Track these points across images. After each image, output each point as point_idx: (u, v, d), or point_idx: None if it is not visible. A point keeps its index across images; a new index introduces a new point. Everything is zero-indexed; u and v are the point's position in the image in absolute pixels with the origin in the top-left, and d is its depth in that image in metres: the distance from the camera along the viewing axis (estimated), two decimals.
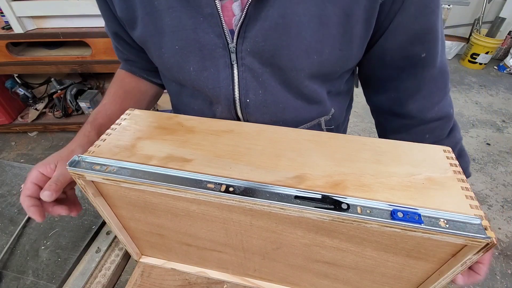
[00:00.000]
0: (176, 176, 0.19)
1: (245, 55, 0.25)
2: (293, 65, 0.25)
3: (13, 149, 1.14)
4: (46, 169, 0.23)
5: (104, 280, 0.30)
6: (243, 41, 0.24)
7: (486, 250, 0.15)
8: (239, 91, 0.27)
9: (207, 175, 0.19)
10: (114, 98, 0.33)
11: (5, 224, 0.34)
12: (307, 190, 0.18)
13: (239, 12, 0.24)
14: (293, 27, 0.23)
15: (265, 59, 0.25)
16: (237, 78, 0.27)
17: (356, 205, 0.17)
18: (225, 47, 0.25)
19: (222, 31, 0.24)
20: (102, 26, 0.90)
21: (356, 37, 0.24)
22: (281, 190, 0.18)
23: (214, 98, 0.29)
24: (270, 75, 0.26)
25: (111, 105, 0.32)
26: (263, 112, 0.29)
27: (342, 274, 0.23)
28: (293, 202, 0.17)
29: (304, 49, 0.24)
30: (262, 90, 0.27)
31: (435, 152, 0.21)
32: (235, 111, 0.29)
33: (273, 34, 0.23)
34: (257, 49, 0.25)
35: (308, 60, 0.25)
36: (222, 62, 0.26)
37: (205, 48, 0.25)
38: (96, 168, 0.20)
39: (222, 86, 0.27)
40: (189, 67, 0.27)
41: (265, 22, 0.23)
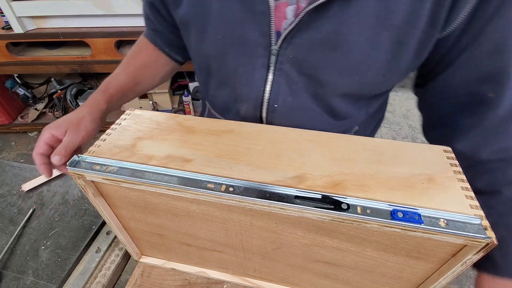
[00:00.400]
0: (176, 176, 0.19)
1: (285, 60, 0.25)
2: (333, 81, 0.25)
3: (13, 149, 1.14)
4: (57, 132, 0.25)
5: (104, 280, 0.30)
6: (287, 46, 0.24)
7: (486, 250, 0.15)
8: (270, 94, 0.27)
9: (207, 175, 0.19)
10: (129, 68, 0.33)
11: (5, 224, 0.34)
12: (307, 190, 0.18)
13: (292, 16, 0.23)
14: (344, 45, 0.22)
15: (305, 69, 0.25)
16: (271, 81, 0.26)
17: (356, 205, 0.17)
18: (267, 48, 0.25)
19: (269, 32, 0.24)
20: (102, 26, 0.90)
21: (402, 66, 0.23)
22: (281, 190, 0.18)
23: (243, 96, 0.28)
24: (305, 85, 0.26)
25: (124, 76, 0.32)
26: (287, 118, 0.28)
27: (342, 274, 0.23)
28: (293, 202, 0.17)
29: (348, 68, 0.24)
30: (292, 97, 0.27)
31: (435, 152, 0.21)
32: (260, 113, 0.29)
33: (321, 47, 0.23)
34: (300, 57, 0.24)
35: (349, 80, 0.24)
36: (260, 62, 0.26)
37: (247, 44, 0.25)
38: (96, 168, 0.20)
39: (254, 86, 0.27)
40: (227, 59, 0.26)
41: (317, 33, 0.22)
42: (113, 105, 0.30)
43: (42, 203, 0.36)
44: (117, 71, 0.32)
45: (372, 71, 0.24)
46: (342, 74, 0.24)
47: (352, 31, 0.22)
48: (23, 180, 0.39)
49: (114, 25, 0.90)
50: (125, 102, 0.32)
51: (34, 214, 0.35)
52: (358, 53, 0.23)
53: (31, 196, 0.37)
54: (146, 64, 0.34)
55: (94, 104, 0.28)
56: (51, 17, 0.87)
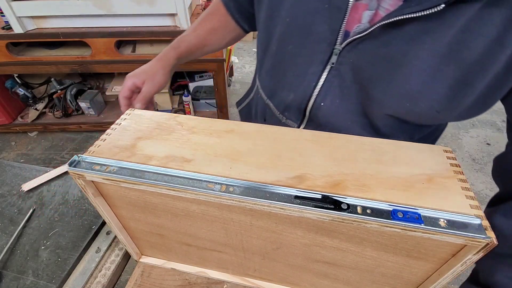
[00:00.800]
0: (176, 176, 0.19)
1: (344, 62, 0.24)
2: (382, 99, 0.24)
3: (13, 149, 1.14)
4: (137, 81, 0.31)
5: (104, 280, 0.30)
6: (351, 49, 0.23)
7: (486, 250, 0.15)
8: (319, 92, 0.27)
9: (207, 175, 0.19)
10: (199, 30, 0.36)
11: (5, 224, 0.34)
12: (307, 190, 0.18)
13: (366, 22, 0.22)
14: (406, 68, 0.21)
15: (360, 77, 0.24)
16: (324, 79, 0.26)
17: (356, 205, 0.17)
18: (331, 46, 0.24)
19: (339, 30, 0.23)
20: (102, 26, 0.90)
21: (460, 108, 0.22)
22: (281, 190, 0.18)
23: (292, 85, 0.28)
24: (356, 93, 0.25)
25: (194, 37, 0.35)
26: (330, 120, 0.28)
27: (342, 274, 0.23)
28: (293, 202, 0.17)
29: (401, 92, 0.22)
30: (340, 100, 0.26)
31: (435, 152, 0.21)
32: (306, 107, 0.28)
33: (383, 63, 0.22)
34: (360, 65, 0.23)
35: (399, 104, 0.23)
36: (319, 58, 0.25)
37: (312, 36, 0.24)
38: (96, 168, 0.20)
39: (306, 79, 0.27)
40: (288, 44, 0.26)
41: (384, 48, 0.22)
42: (180, 61, 0.35)
43: (42, 203, 0.36)
44: (188, 31, 0.36)
45: (426, 103, 0.22)
46: (394, 96, 0.23)
47: (421, 56, 0.20)
48: (23, 180, 0.39)
49: (114, 25, 0.90)
50: (190, 59, 0.37)
51: (34, 214, 0.35)
52: (418, 80, 0.21)
53: (31, 196, 0.37)
54: (215, 28, 0.36)
55: (166, 59, 0.33)
56: (51, 17, 0.87)
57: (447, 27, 0.19)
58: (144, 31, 0.89)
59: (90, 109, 1.17)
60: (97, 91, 1.18)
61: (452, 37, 0.19)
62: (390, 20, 0.20)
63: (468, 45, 0.19)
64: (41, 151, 1.14)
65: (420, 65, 0.21)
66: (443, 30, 0.19)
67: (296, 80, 0.28)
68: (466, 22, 0.19)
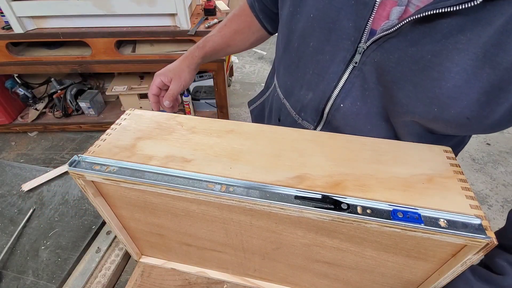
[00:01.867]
0: (176, 176, 0.19)
1: (368, 62, 0.23)
2: (408, 103, 0.22)
3: (13, 149, 1.14)
4: (165, 79, 0.33)
5: (104, 280, 0.30)
6: (376, 48, 0.22)
7: (486, 250, 0.15)
8: (339, 92, 0.25)
9: (207, 175, 0.19)
10: (224, 31, 0.37)
11: (5, 224, 0.34)
12: (307, 190, 0.18)
13: (395, 19, 0.21)
14: (436, 70, 0.19)
15: (385, 79, 0.22)
16: (345, 80, 0.24)
17: (356, 205, 0.17)
18: (355, 43, 0.23)
19: (364, 27, 0.22)
20: (102, 26, 0.90)
21: (493, 116, 0.20)
22: (281, 190, 0.18)
23: (311, 84, 0.27)
24: (379, 95, 0.24)
25: (219, 38, 0.37)
26: (347, 123, 0.26)
27: (342, 274, 0.23)
28: (293, 202, 0.17)
29: (430, 97, 0.20)
30: (361, 103, 0.25)
31: (435, 152, 0.21)
32: (324, 108, 0.27)
33: (411, 64, 0.20)
34: (385, 66, 0.22)
35: (426, 109, 0.21)
36: (341, 56, 0.24)
37: (335, 33, 0.23)
38: (96, 168, 0.20)
39: (326, 78, 0.25)
40: (309, 41, 0.25)
41: (412, 47, 0.20)
42: (205, 60, 0.36)
43: (42, 203, 0.36)
44: (214, 31, 0.37)
45: (456, 108, 0.20)
46: (421, 100, 0.21)
47: (453, 57, 0.19)
48: (23, 180, 0.39)
49: (114, 25, 0.90)
50: (214, 58, 0.38)
51: (34, 214, 0.35)
52: (448, 84, 0.19)
53: (31, 196, 0.37)
54: (240, 29, 0.37)
55: (191, 58, 0.35)
56: (51, 17, 0.87)
57: (484, 26, 0.17)
58: (144, 31, 0.89)
59: (90, 109, 1.17)
60: (97, 91, 1.18)
61: (489, 38, 0.17)
62: (422, 15, 0.18)
63: (506, 47, 0.17)
64: (41, 151, 1.13)
65: (452, 67, 0.19)
66: (479, 29, 0.18)
67: (315, 78, 0.26)
68: (504, 22, 0.17)
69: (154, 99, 0.34)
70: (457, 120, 0.21)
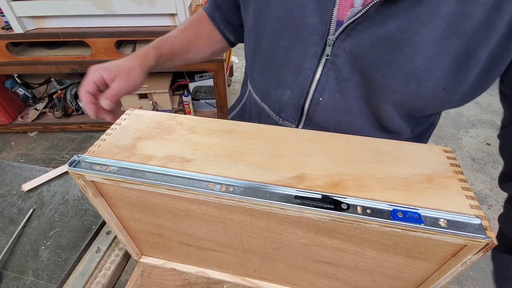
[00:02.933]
0: (176, 176, 0.19)
1: (339, 53, 0.23)
2: (386, 84, 0.22)
3: (13, 149, 1.14)
4: (107, 75, 0.25)
5: (104, 280, 0.30)
6: (345, 38, 0.22)
7: (486, 250, 0.15)
8: (316, 86, 0.25)
9: (207, 175, 0.19)
10: (184, 34, 0.33)
11: (5, 224, 0.34)
12: (307, 190, 0.18)
13: (359, 5, 0.21)
14: (407, 46, 0.20)
15: (359, 65, 0.23)
16: (320, 73, 0.25)
17: (356, 205, 0.17)
18: (323, 37, 0.23)
19: (330, 19, 0.22)
20: (102, 26, 0.90)
21: (466, 83, 0.21)
22: (281, 190, 0.18)
23: (288, 82, 0.27)
24: (356, 84, 0.24)
25: (179, 40, 0.32)
26: (328, 116, 0.27)
27: (342, 274, 0.23)
28: (293, 202, 0.17)
29: (406, 73, 0.21)
30: (339, 94, 0.25)
31: (435, 152, 0.21)
32: (303, 104, 0.27)
33: (382, 44, 0.21)
34: (357, 53, 0.22)
35: (405, 86, 0.22)
36: (312, 51, 0.24)
37: (303, 29, 0.23)
38: (96, 168, 0.20)
39: (301, 74, 0.26)
40: (279, 41, 0.25)
41: (380, 29, 0.21)
42: (160, 64, 0.30)
43: (42, 203, 0.36)
44: (172, 33, 0.32)
45: (432, 80, 0.21)
46: (399, 78, 0.22)
47: (420, 31, 0.20)
48: (23, 180, 0.39)
49: (114, 25, 0.90)
50: (171, 65, 0.32)
51: (34, 214, 0.35)
52: (421, 57, 0.20)
53: (31, 196, 0.37)
54: (201, 34, 0.34)
55: (144, 58, 0.28)
56: (51, 17, 0.87)
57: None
58: (144, 31, 0.89)
59: None
60: None
61: (450, 8, 0.19)
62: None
63: (467, 15, 0.18)
64: (41, 151, 1.13)
65: (421, 41, 0.20)
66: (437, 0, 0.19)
67: (291, 76, 0.26)
68: None
69: (88, 98, 0.24)
70: (434, 92, 0.22)
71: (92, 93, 0.25)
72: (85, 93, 0.25)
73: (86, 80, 0.25)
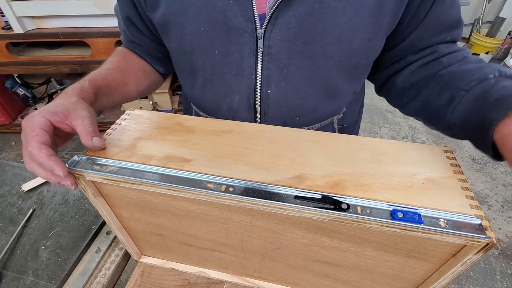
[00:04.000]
0: (176, 176, 0.19)
1: (272, 44, 0.24)
2: (324, 52, 0.24)
3: (13, 149, 1.14)
4: (56, 118, 0.19)
5: (104, 280, 0.30)
6: (272, 28, 0.24)
7: (486, 250, 0.15)
8: (261, 81, 0.27)
9: (207, 175, 0.19)
10: (117, 66, 0.30)
11: (5, 224, 0.34)
12: (307, 190, 0.18)
13: None
14: (328, 12, 0.23)
15: (295, 47, 0.24)
16: (260, 68, 0.26)
17: (356, 205, 0.17)
18: (253, 33, 0.24)
19: (253, 15, 0.24)
20: (102, 26, 0.90)
21: (383, 28, 0.24)
22: (281, 190, 0.18)
23: (234, 86, 0.28)
24: (297, 67, 0.26)
25: (113, 72, 0.28)
26: (281, 105, 0.28)
27: (342, 274, 0.23)
28: (293, 202, 0.17)
29: (336, 36, 0.24)
30: (285, 82, 0.26)
31: (435, 152, 0.21)
32: (254, 102, 0.28)
33: (308, 19, 0.23)
34: (289, 36, 0.24)
35: (339, 48, 0.24)
36: (247, 49, 0.25)
37: (232, 32, 0.25)
38: (96, 168, 0.20)
39: (244, 74, 0.27)
40: (213, 51, 0.26)
41: (300, 7, 0.23)
42: (99, 99, 0.24)
43: (42, 203, 0.36)
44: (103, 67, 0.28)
45: (358, 35, 0.24)
46: (332, 43, 0.24)
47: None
48: (23, 180, 0.39)
49: (114, 25, 0.90)
50: (110, 102, 0.27)
51: (34, 214, 0.35)
52: (343, 19, 0.23)
53: (31, 196, 0.37)
54: (133, 65, 0.32)
55: (81, 91, 0.22)
56: (51, 17, 0.87)
57: None
58: None
59: None
60: None
61: None
62: None
63: None
64: None
65: (338, 5, 0.22)
66: None
67: (236, 79, 0.27)
68: None
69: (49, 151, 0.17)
70: (363, 45, 0.25)
71: (47, 143, 0.18)
72: (40, 145, 0.17)
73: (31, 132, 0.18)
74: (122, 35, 0.34)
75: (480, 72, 0.22)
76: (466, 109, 0.21)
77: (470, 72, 0.23)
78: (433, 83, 0.26)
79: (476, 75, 0.22)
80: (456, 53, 0.26)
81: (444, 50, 0.26)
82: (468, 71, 0.23)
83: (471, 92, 0.21)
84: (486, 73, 0.22)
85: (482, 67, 0.23)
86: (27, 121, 0.19)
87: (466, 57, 0.26)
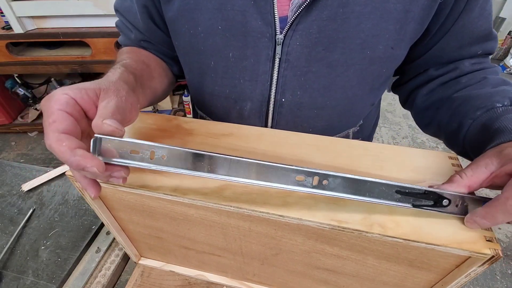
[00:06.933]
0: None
1: (291, 50, 0.23)
2: (345, 59, 0.23)
3: (13, 149, 1.15)
4: (81, 96, 0.14)
5: (104, 280, 0.30)
6: (293, 33, 0.22)
7: (491, 262, 0.15)
8: (276, 89, 0.25)
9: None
10: (139, 60, 0.25)
11: (5, 224, 0.34)
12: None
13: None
14: (352, 18, 0.21)
15: (314, 53, 0.23)
16: (277, 75, 0.24)
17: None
18: (272, 38, 0.23)
19: (273, 20, 0.22)
20: (102, 26, 0.89)
21: (407, 37, 0.23)
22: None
23: (246, 93, 0.26)
24: (315, 75, 0.24)
25: (138, 65, 0.24)
26: (295, 115, 0.26)
27: (342, 281, 0.23)
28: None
29: (359, 43, 0.22)
30: (301, 91, 0.25)
31: (439, 158, 0.20)
32: (267, 110, 0.27)
33: (330, 25, 0.22)
34: (309, 42, 0.22)
35: (361, 55, 0.23)
36: (264, 54, 0.24)
37: (249, 35, 0.23)
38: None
39: (259, 81, 0.25)
40: (228, 53, 0.24)
41: (323, 12, 0.21)
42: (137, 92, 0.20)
43: (42, 203, 0.36)
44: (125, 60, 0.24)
45: (382, 43, 0.23)
46: (354, 50, 0.23)
47: (359, 1, 0.21)
48: (23, 180, 0.39)
49: (114, 25, 0.89)
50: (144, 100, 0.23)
51: (34, 214, 0.35)
52: (368, 24, 0.22)
53: (31, 196, 0.37)
54: (153, 61, 0.28)
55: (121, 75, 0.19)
56: (51, 17, 0.87)
57: None
58: None
59: None
60: None
61: None
62: None
63: None
64: (41, 151, 1.14)
65: (363, 10, 0.21)
66: None
67: (249, 85, 0.26)
68: None
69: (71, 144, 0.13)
70: (386, 53, 0.23)
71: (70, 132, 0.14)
72: (59, 137, 0.13)
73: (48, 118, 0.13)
74: (132, 34, 0.29)
75: (489, 100, 0.21)
76: (473, 138, 0.21)
77: (480, 99, 0.22)
78: (446, 107, 0.25)
79: (485, 102, 0.21)
80: (477, 73, 0.25)
81: (466, 68, 0.25)
82: (478, 97, 0.22)
83: (477, 121, 0.21)
84: (494, 101, 0.21)
85: (493, 94, 0.22)
86: (46, 101, 0.14)
87: (486, 78, 0.24)
